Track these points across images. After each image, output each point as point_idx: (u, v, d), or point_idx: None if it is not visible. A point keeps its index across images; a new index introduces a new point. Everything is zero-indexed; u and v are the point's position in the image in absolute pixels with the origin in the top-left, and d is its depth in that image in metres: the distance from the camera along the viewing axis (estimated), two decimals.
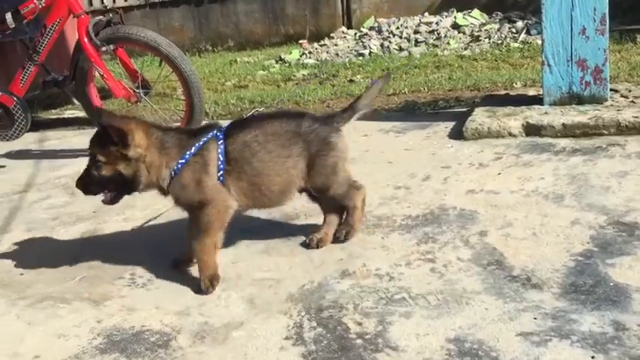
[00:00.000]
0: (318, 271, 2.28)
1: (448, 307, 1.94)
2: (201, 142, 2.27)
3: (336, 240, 2.45)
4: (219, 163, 2.25)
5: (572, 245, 2.22)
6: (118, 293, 2.28)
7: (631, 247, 2.15)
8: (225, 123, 2.40)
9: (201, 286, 2.21)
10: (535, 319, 1.82)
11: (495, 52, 6.64)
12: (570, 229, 2.34)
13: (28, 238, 2.87)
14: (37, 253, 2.68)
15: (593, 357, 1.63)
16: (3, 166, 4.14)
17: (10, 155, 4.41)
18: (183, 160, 2.25)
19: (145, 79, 3.98)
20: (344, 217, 2.48)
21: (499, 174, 2.99)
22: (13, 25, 3.82)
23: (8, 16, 3.80)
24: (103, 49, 3.79)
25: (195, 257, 2.30)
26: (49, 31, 3.83)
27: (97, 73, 3.91)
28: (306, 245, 2.45)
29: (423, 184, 2.99)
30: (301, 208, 2.77)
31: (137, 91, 3.92)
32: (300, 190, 2.41)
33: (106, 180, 2.24)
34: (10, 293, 2.35)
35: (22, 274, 2.50)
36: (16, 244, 2.81)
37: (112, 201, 2.34)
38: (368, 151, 3.60)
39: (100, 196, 2.32)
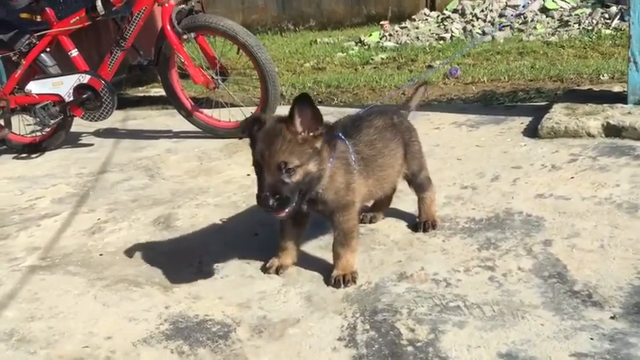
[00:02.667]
0: (376, 271, 2.31)
1: (503, 319, 1.93)
2: (336, 142, 2.21)
3: (421, 230, 2.56)
4: (353, 162, 2.26)
5: None
6: (185, 280, 2.40)
7: None
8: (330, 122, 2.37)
9: (339, 281, 2.21)
10: (591, 339, 1.78)
11: (584, 39, 6.34)
12: None
13: (109, 218, 3.06)
14: (116, 235, 2.87)
15: None
16: (91, 144, 4.41)
17: (97, 134, 4.68)
18: (330, 164, 2.15)
19: (223, 65, 4.11)
20: (419, 209, 2.63)
21: (572, 178, 2.89)
22: (104, 12, 4.02)
23: (99, 3, 3.99)
24: (185, 36, 3.93)
25: (338, 259, 2.26)
26: (135, 19, 4.01)
27: (178, 60, 4.07)
28: (362, 222, 2.61)
29: (491, 184, 2.95)
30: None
31: (215, 77, 4.05)
32: None
33: (299, 186, 2.03)
34: (89, 273, 2.53)
35: (101, 255, 2.68)
36: (97, 224, 3.01)
37: (292, 209, 2.09)
38: (438, 146, 3.57)
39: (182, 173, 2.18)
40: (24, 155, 4.33)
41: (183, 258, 2.58)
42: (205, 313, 2.18)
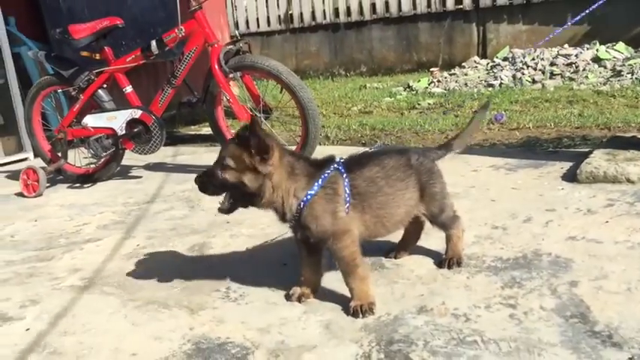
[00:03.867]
0: (397, 304, 2.33)
1: (519, 355, 1.91)
2: (326, 174, 2.32)
3: (445, 266, 2.58)
4: (346, 196, 2.33)
5: None
6: (212, 304, 2.48)
7: None
8: (338, 157, 2.47)
9: (357, 311, 2.26)
10: None
11: (637, 89, 6.24)
12: None
13: (147, 245, 3.19)
14: (152, 260, 2.98)
15: None
16: (140, 177, 4.62)
17: (147, 167, 4.90)
18: (312, 192, 2.28)
19: (266, 104, 4.27)
20: (447, 246, 2.64)
21: (606, 222, 2.85)
22: (157, 52, 4.27)
23: (153, 43, 4.25)
24: (231, 75, 4.12)
25: (351, 289, 2.32)
26: (186, 58, 4.24)
27: (224, 98, 4.25)
28: (389, 257, 2.72)
29: (522, 225, 2.93)
30: (393, 242, 2.83)
31: (259, 115, 4.21)
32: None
33: (226, 185, 2.27)
34: (123, 294, 2.64)
35: (136, 278, 2.79)
36: (136, 249, 3.14)
37: (228, 210, 2.37)
38: (473, 187, 3.57)
39: (217, 204, 2.37)
40: (77, 185, 4.57)
41: (212, 284, 2.66)
42: (227, 335, 2.24)
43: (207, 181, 2.32)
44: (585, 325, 2.04)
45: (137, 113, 4.30)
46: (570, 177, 3.52)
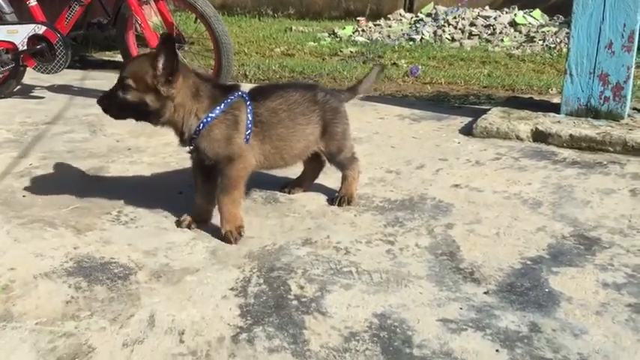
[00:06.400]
0: (284, 235, 2.41)
1: (388, 285, 2.04)
2: (230, 100, 2.36)
3: (336, 204, 2.66)
4: (248, 123, 2.37)
5: (528, 249, 2.27)
6: (100, 226, 2.47)
7: (582, 260, 2.19)
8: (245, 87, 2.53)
9: (229, 237, 2.33)
10: (461, 309, 1.90)
11: (545, 56, 6.53)
12: (533, 235, 2.38)
13: (41, 164, 3.11)
14: (44, 180, 2.92)
15: (497, 350, 1.70)
16: (42, 97, 4.43)
17: (51, 88, 4.70)
18: (214, 115, 2.32)
19: (180, 33, 4.17)
20: (341, 185, 2.72)
21: (490, 174, 3.03)
22: None
23: None
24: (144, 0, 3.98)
25: (221, 209, 2.38)
26: None
27: (136, 22, 4.12)
28: (283, 191, 2.79)
29: (414, 172, 3.07)
30: (290, 177, 2.90)
31: None
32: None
33: (128, 105, 2.28)
34: (8, 211, 2.58)
35: (24, 197, 2.73)
36: (28, 169, 3.05)
37: (115, 115, 2.39)
38: (377, 134, 3.68)
39: (121, 131, 2.39)
40: None
41: (103, 207, 2.64)
42: (111, 256, 2.25)
43: (110, 102, 2.32)
44: (452, 262, 2.20)
45: (40, 29, 4.09)
46: (467, 131, 3.69)
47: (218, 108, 2.34)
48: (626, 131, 3.31)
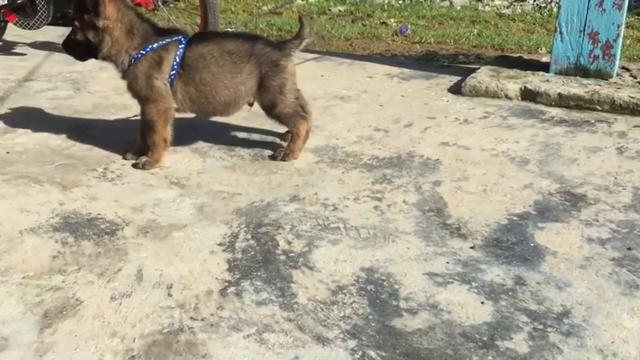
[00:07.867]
0: (271, 192, 2.40)
1: (375, 241, 2.06)
2: (163, 42, 2.51)
3: (272, 158, 2.68)
4: (174, 65, 2.51)
5: (514, 206, 2.28)
6: (86, 183, 2.45)
7: (567, 216, 2.21)
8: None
9: (138, 165, 2.57)
10: (447, 263, 1.92)
11: (536, 15, 6.47)
12: (519, 192, 2.40)
13: (24, 121, 3.05)
14: (27, 137, 2.87)
15: (482, 302, 1.73)
16: (24, 54, 4.34)
17: (33, 45, 4.59)
18: (143, 52, 2.50)
19: None
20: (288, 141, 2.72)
21: (478, 132, 3.02)
22: None
23: None
24: None
25: (150, 145, 2.58)
26: None
27: None
28: (271, 157, 2.70)
29: (402, 130, 3.06)
30: (279, 135, 2.88)
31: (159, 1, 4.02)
32: (251, 104, 2.69)
33: (79, 44, 2.54)
34: None
35: (7, 153, 2.69)
36: (10, 125, 3.00)
37: (78, 57, 2.66)
38: (365, 92, 3.65)
39: (105, 88, 2.63)
40: None
41: (89, 164, 2.62)
42: (98, 212, 2.23)
43: (70, 44, 2.58)
44: (439, 218, 2.21)
45: None
46: (456, 89, 3.67)
47: (150, 47, 2.50)
48: (614, 90, 3.30)
